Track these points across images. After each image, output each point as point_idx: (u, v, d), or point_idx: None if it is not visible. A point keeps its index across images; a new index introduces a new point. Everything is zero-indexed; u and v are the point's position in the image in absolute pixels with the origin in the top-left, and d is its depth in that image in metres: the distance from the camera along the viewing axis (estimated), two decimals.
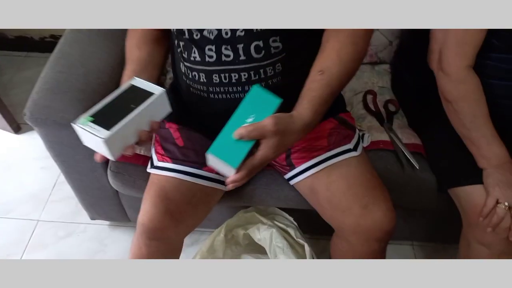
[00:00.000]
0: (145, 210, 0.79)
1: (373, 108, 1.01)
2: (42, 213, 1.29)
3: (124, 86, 0.65)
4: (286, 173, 0.88)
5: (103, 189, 1.01)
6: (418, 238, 1.24)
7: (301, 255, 0.92)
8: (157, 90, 0.64)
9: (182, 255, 0.96)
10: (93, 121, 0.59)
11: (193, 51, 0.74)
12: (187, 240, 0.98)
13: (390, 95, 1.05)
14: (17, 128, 1.48)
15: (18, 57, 1.77)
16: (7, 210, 1.29)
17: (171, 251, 0.87)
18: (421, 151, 0.94)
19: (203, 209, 0.86)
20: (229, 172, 0.62)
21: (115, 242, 1.22)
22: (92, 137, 0.58)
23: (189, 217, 0.82)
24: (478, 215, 0.80)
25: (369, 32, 0.72)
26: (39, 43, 1.76)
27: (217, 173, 0.84)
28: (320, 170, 0.81)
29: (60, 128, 0.83)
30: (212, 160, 0.62)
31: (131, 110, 0.61)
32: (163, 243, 0.82)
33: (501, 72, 0.82)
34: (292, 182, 0.88)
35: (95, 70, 0.89)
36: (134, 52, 0.76)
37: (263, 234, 0.97)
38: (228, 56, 0.72)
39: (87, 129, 0.58)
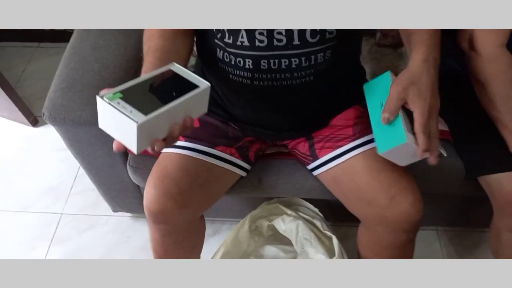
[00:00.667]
0: (146, 193, 0.77)
1: None
2: (65, 206, 1.30)
3: (161, 69, 0.55)
4: (309, 163, 0.86)
5: (124, 183, 1.01)
6: (442, 223, 1.22)
7: (328, 248, 0.91)
8: (202, 83, 0.54)
9: (204, 245, 0.96)
10: (122, 99, 0.47)
11: (240, 35, 0.67)
12: (208, 230, 0.98)
13: None
14: (34, 121, 1.48)
15: (30, 48, 1.76)
16: (29, 204, 1.31)
17: (184, 234, 0.86)
18: (449, 137, 0.90)
19: (211, 192, 0.83)
20: (412, 152, 0.64)
21: (137, 233, 1.23)
22: (121, 118, 0.46)
23: (194, 199, 0.79)
24: (510, 203, 0.78)
25: None
26: (49, 33, 1.74)
27: (231, 154, 0.83)
28: (345, 160, 0.79)
29: (78, 126, 0.82)
30: (389, 156, 0.66)
31: (171, 98, 0.50)
32: (171, 226, 0.81)
33: None
34: (315, 172, 0.86)
35: (109, 65, 0.87)
36: (158, 41, 0.67)
37: (289, 225, 0.96)
38: (280, 40, 0.66)
39: (117, 107, 0.46)
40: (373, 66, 1.04)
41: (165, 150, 0.81)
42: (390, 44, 1.07)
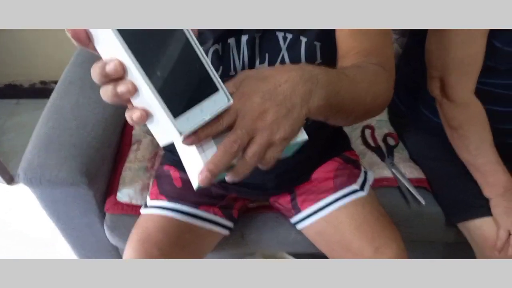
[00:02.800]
0: (126, 256, 0.74)
1: (372, 144, 1.00)
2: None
3: None
4: (292, 216, 0.85)
5: (101, 244, 0.97)
6: None
7: None
8: None
9: None
10: None
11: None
12: None
13: (388, 128, 1.05)
14: (10, 179, 1.44)
15: (8, 105, 1.75)
16: None
17: None
18: (425, 185, 0.92)
19: (194, 253, 0.80)
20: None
21: None
22: None
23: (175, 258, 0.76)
24: (491, 248, 0.79)
25: (391, 70, 0.61)
26: (29, 89, 1.74)
27: (214, 214, 0.81)
28: (328, 213, 0.80)
29: (54, 187, 0.80)
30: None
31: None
32: None
33: (501, 98, 0.82)
34: (299, 226, 0.85)
35: (88, 122, 0.86)
36: None
37: None
38: None
39: None
40: None
41: (145, 211, 0.80)
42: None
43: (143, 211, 0.80)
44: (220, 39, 0.62)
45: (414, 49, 0.93)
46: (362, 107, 0.52)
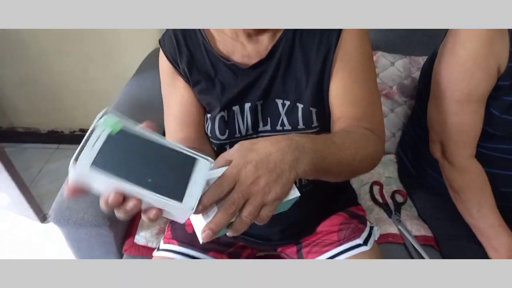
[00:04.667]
0: None
1: (380, 200, 1.03)
2: None
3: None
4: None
5: None
6: None
7: None
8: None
9: None
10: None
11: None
12: None
13: (397, 185, 1.08)
14: (43, 218, 1.55)
15: (49, 149, 1.91)
16: None
17: None
18: (432, 243, 0.93)
19: None
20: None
21: None
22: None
23: None
24: None
25: (381, 135, 0.69)
26: (69, 136, 1.91)
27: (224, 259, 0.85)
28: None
29: (80, 227, 0.89)
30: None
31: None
32: None
33: (502, 162, 0.85)
34: None
35: None
36: None
37: None
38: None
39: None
40: None
41: (158, 253, 0.85)
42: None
43: (155, 253, 0.86)
44: (226, 107, 0.71)
45: (419, 113, 0.98)
46: (349, 168, 0.59)
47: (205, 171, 0.46)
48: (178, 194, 0.43)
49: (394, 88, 1.16)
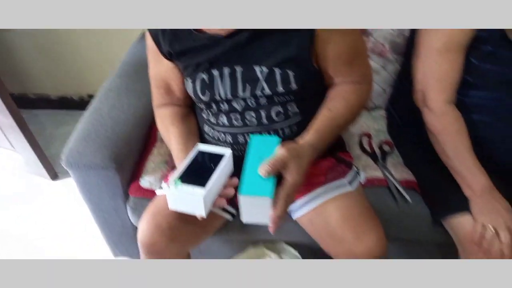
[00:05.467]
0: (140, 227, 0.87)
1: (368, 149, 1.10)
2: (72, 251, 1.41)
3: (193, 152, 0.74)
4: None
5: (125, 227, 1.12)
6: None
7: None
8: (226, 151, 0.74)
9: None
10: (183, 183, 0.67)
11: (220, 117, 0.87)
12: None
13: (385, 137, 1.14)
14: (54, 175, 1.65)
15: (60, 115, 2.00)
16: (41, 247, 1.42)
17: None
18: (414, 186, 1.00)
19: (198, 231, 0.92)
20: (266, 211, 0.65)
21: None
22: (188, 196, 0.66)
23: (183, 235, 0.88)
24: (470, 242, 0.84)
25: (370, 82, 0.86)
26: (78, 102, 1.99)
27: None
28: (318, 204, 0.90)
29: (89, 170, 0.97)
30: (244, 202, 0.64)
31: (213, 169, 0.69)
32: (160, 257, 0.89)
33: (482, 108, 0.90)
34: (293, 215, 0.95)
35: (120, 122, 1.04)
36: (172, 129, 0.89)
37: None
38: (252, 121, 0.85)
39: (183, 190, 0.66)
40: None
41: (159, 192, 0.94)
42: (365, 107, 1.22)
43: (158, 192, 0.94)
44: (206, 70, 0.82)
45: (407, 67, 1.03)
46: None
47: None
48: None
49: (387, 46, 1.21)
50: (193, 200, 0.66)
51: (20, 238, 1.47)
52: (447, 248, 0.98)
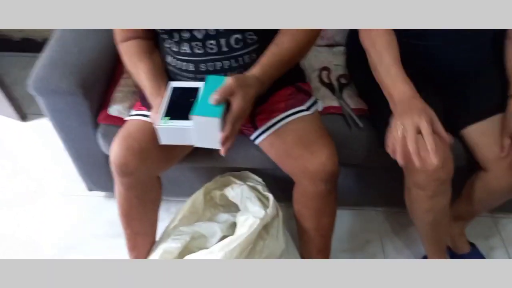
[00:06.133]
0: (112, 150, 0.92)
1: (327, 81, 1.17)
2: (47, 187, 1.45)
3: (168, 90, 0.83)
4: (251, 134, 1.03)
5: (97, 156, 1.16)
6: (381, 204, 1.38)
7: (266, 205, 1.06)
8: (199, 84, 0.81)
9: (161, 224, 1.11)
10: (171, 119, 0.76)
11: (182, 46, 0.90)
12: (173, 209, 1.09)
13: (344, 71, 1.21)
14: (23, 116, 1.65)
15: (24, 58, 1.96)
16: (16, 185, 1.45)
17: (145, 188, 0.99)
18: (366, 113, 1.09)
19: (167, 154, 0.97)
20: (215, 134, 0.74)
21: (109, 209, 1.37)
22: (179, 130, 0.75)
23: (153, 157, 0.93)
24: (411, 160, 0.93)
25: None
26: (42, 44, 1.94)
27: None
28: (278, 128, 0.97)
29: (57, 95, 1.00)
30: (197, 123, 0.73)
31: (193, 102, 0.76)
32: (133, 180, 0.94)
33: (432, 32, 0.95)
34: (256, 141, 1.02)
35: (86, 48, 1.05)
36: (141, 66, 0.92)
37: (236, 190, 1.12)
38: (212, 48, 0.89)
39: (173, 125, 0.75)
40: (310, 60, 1.24)
41: (129, 117, 0.98)
42: (326, 44, 1.28)
43: (127, 118, 0.98)
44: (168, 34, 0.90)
45: None
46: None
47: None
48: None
49: None
50: (184, 133, 0.75)
51: None
52: (390, 172, 1.07)
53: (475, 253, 1.21)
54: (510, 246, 1.31)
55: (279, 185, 1.13)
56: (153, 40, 0.99)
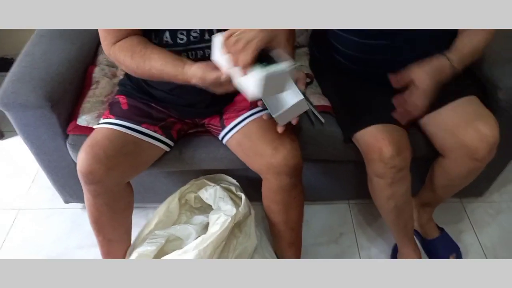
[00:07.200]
0: (78, 158, 0.93)
1: None
2: (23, 202, 1.46)
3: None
4: (219, 133, 1.06)
5: (70, 167, 1.18)
6: (353, 196, 1.42)
7: (238, 204, 1.09)
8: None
9: (136, 230, 1.13)
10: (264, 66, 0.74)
11: (165, 35, 0.91)
12: (150, 215, 1.12)
13: (307, 71, 1.26)
14: (1, 134, 1.66)
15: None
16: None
17: (113, 196, 1.00)
18: (329, 110, 1.13)
19: (136, 161, 0.99)
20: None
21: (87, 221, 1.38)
22: (277, 75, 0.74)
23: (120, 164, 0.94)
24: (371, 151, 0.99)
25: None
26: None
27: (155, 131, 1.01)
28: (244, 125, 1.01)
29: (25, 109, 1.02)
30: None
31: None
32: (100, 187, 0.95)
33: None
34: (224, 140, 1.06)
35: (54, 64, 1.08)
36: (150, 51, 0.87)
37: (209, 192, 1.15)
38: (196, 37, 0.92)
39: (274, 70, 0.73)
40: None
41: (97, 126, 1.01)
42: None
43: (96, 126, 1.01)
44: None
45: None
46: None
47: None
48: None
49: None
50: (280, 78, 0.75)
51: None
52: (358, 165, 1.12)
53: (444, 237, 1.26)
54: (478, 229, 1.36)
55: (253, 186, 1.16)
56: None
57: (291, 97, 0.83)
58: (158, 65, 0.85)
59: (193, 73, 0.82)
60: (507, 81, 1.06)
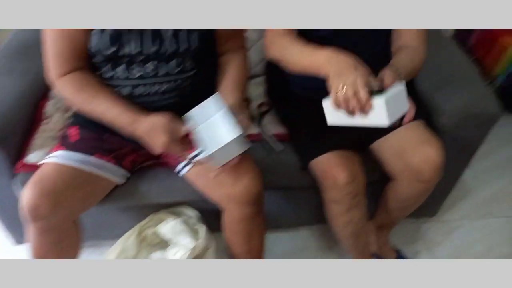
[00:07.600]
0: (23, 194, 0.89)
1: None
2: None
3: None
4: (177, 166, 1.05)
5: (18, 208, 1.11)
6: (314, 221, 1.44)
7: (196, 237, 1.08)
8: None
9: None
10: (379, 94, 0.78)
11: (118, 69, 0.91)
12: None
13: (263, 100, 1.29)
14: None
15: None
16: None
17: (60, 233, 0.96)
18: (286, 138, 1.16)
19: (85, 195, 0.96)
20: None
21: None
22: (397, 97, 0.80)
23: (67, 200, 0.91)
24: (326, 178, 1.01)
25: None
26: None
27: (108, 161, 0.99)
28: (201, 157, 1.00)
29: None
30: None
31: None
32: (46, 224, 0.91)
33: None
34: (182, 172, 1.05)
35: (4, 101, 1.04)
36: (99, 95, 0.90)
37: (168, 226, 1.13)
38: (148, 73, 0.92)
39: (393, 93, 0.79)
40: None
41: (46, 160, 0.96)
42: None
43: (44, 161, 0.96)
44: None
45: None
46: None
47: None
48: None
49: None
50: (400, 98, 0.81)
51: None
52: (318, 191, 1.14)
53: (400, 259, 1.30)
54: (433, 248, 1.42)
55: (216, 215, 1.15)
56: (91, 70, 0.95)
57: (227, 134, 0.82)
58: (108, 109, 0.89)
59: (151, 120, 0.87)
60: (448, 104, 1.13)
